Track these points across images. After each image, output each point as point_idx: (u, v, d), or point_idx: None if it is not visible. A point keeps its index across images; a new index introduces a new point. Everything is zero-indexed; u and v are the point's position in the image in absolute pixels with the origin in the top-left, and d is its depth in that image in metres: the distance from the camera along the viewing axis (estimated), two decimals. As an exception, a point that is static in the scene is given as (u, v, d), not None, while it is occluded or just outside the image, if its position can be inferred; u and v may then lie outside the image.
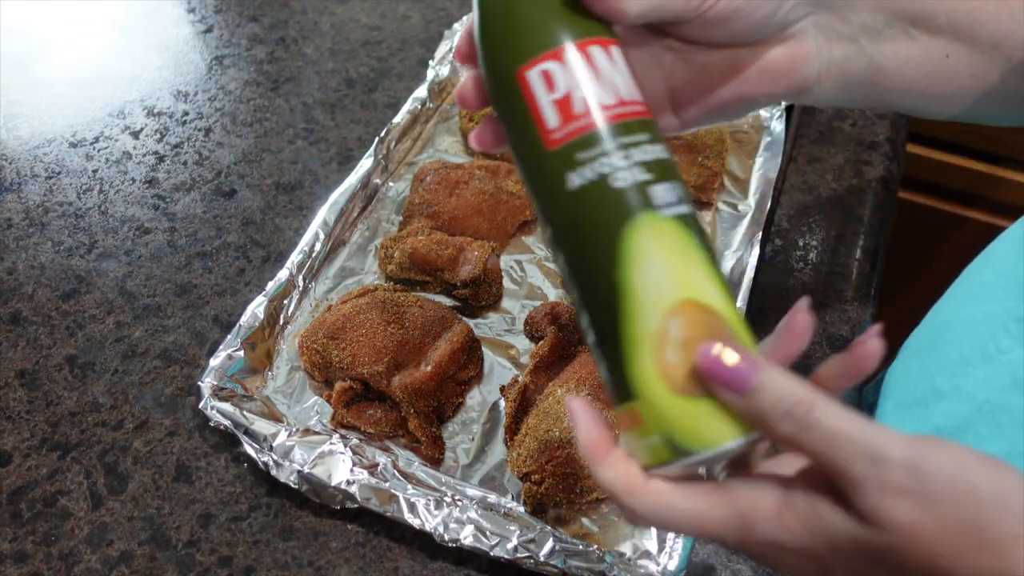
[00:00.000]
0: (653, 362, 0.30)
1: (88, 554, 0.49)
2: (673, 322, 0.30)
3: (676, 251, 0.31)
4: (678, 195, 0.32)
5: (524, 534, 0.47)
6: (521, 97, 0.34)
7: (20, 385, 0.57)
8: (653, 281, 0.31)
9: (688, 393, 0.30)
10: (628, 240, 0.31)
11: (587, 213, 0.32)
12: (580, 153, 0.32)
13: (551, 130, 0.33)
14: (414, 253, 0.61)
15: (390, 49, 0.83)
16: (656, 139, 0.33)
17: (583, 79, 0.33)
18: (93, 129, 0.75)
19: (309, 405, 0.56)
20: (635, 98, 0.33)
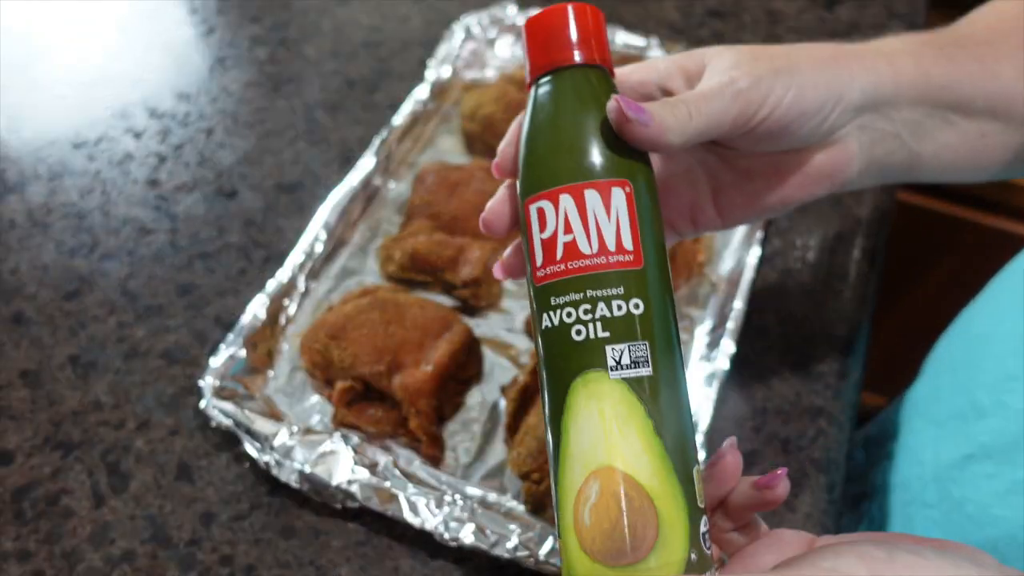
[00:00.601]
0: (571, 516, 0.31)
1: (90, 553, 0.50)
2: (592, 484, 0.31)
3: (614, 415, 0.31)
4: (636, 357, 0.31)
5: (524, 533, 0.48)
6: (526, 227, 0.34)
7: (23, 385, 0.57)
8: (585, 440, 0.31)
9: (592, 556, 0.30)
10: (573, 392, 0.32)
11: (551, 354, 0.33)
12: (553, 297, 0.33)
13: (537, 267, 0.33)
14: (415, 253, 0.61)
15: (391, 50, 0.83)
16: (632, 294, 0.32)
17: (568, 224, 0.32)
18: (95, 130, 0.75)
19: (310, 405, 0.56)
20: (623, 247, 0.32)
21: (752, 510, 0.33)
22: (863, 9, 0.85)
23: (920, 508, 0.55)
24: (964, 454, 0.53)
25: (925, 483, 0.56)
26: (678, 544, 0.30)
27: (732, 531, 0.34)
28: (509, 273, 0.38)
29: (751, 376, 0.58)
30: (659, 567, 0.30)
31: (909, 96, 0.39)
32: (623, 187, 0.33)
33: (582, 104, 0.34)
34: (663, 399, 0.32)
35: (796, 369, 0.58)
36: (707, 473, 0.33)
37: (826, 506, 0.52)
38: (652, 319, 0.32)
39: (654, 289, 0.32)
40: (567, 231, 0.32)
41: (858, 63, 0.38)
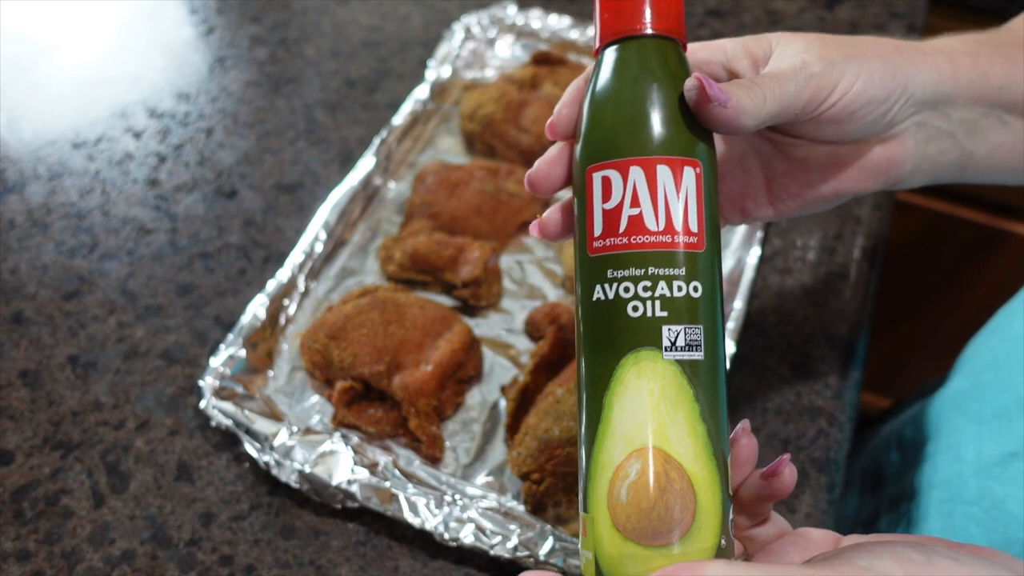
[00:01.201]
0: (606, 491, 0.31)
1: (90, 553, 0.49)
2: (633, 463, 0.31)
3: (663, 396, 0.31)
4: (691, 340, 0.31)
5: (524, 533, 0.48)
6: (584, 194, 0.34)
7: (22, 384, 0.57)
8: (630, 418, 0.31)
9: (625, 533, 0.31)
10: (622, 370, 0.31)
11: (600, 328, 0.32)
12: (610, 269, 0.32)
13: (595, 237, 0.33)
14: (415, 253, 0.61)
15: (391, 50, 0.83)
16: (694, 276, 0.32)
17: (636, 198, 0.32)
18: (95, 130, 0.75)
19: (310, 405, 0.56)
20: (689, 228, 0.32)
21: (762, 502, 0.33)
22: (863, 9, 0.85)
23: (960, 505, 0.55)
24: (1007, 451, 0.53)
25: (965, 480, 0.55)
26: (711, 530, 0.31)
27: (752, 528, 0.34)
28: (544, 232, 0.37)
29: (751, 376, 0.58)
30: (692, 551, 0.30)
31: (967, 95, 0.39)
32: (694, 167, 0.32)
33: (658, 77, 0.33)
34: (710, 385, 0.32)
35: (796, 369, 0.58)
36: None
37: (826, 506, 0.52)
38: (708, 303, 0.32)
39: (712, 274, 0.32)
40: (634, 204, 0.32)
41: (921, 59, 0.38)
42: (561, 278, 0.63)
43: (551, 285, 0.63)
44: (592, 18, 0.84)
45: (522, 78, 0.75)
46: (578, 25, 0.82)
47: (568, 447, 0.50)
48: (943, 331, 1.13)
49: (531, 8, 0.84)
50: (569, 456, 0.50)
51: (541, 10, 0.83)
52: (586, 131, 0.34)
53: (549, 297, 0.62)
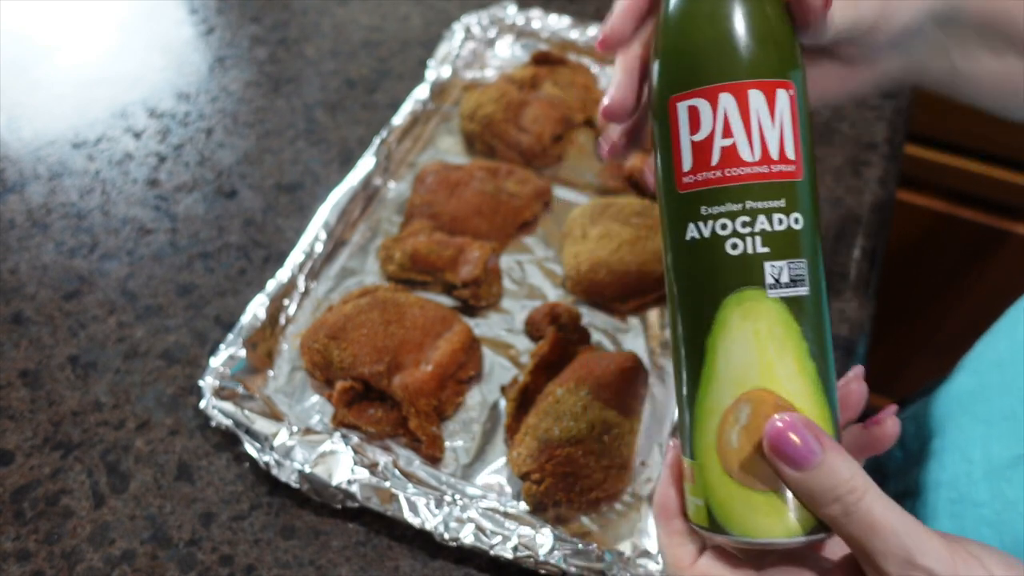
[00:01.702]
0: (715, 437, 0.30)
1: (90, 553, 0.49)
2: (743, 406, 0.30)
3: (770, 336, 0.29)
4: (795, 275, 0.30)
5: (524, 533, 0.48)
6: (668, 126, 0.31)
7: (23, 385, 0.57)
8: (736, 360, 0.30)
9: (737, 478, 0.30)
10: (724, 311, 0.30)
11: (696, 269, 0.31)
12: (704, 206, 0.30)
13: (684, 172, 0.31)
14: (415, 253, 0.61)
15: (391, 50, 0.83)
16: (794, 207, 0.30)
17: (728, 127, 0.30)
18: (95, 130, 0.75)
19: (310, 405, 0.56)
20: (786, 156, 0.30)
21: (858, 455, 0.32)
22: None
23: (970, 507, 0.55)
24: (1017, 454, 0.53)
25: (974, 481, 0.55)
26: None
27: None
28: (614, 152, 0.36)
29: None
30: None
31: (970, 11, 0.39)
32: (787, 89, 0.30)
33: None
34: (817, 321, 0.30)
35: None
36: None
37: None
38: (810, 235, 0.30)
39: (812, 202, 0.31)
40: (726, 134, 0.29)
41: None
42: (561, 278, 0.63)
43: (551, 285, 0.63)
44: (592, 18, 0.84)
45: (522, 78, 0.75)
46: (578, 25, 0.82)
47: (568, 447, 0.50)
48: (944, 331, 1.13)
49: (531, 8, 0.84)
50: (569, 456, 0.50)
51: (541, 10, 0.83)
52: (664, 54, 0.31)
53: (549, 297, 0.62)
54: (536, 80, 0.75)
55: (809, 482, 0.28)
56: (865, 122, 0.75)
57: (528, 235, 0.67)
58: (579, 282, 0.61)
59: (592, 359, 0.55)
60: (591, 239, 0.61)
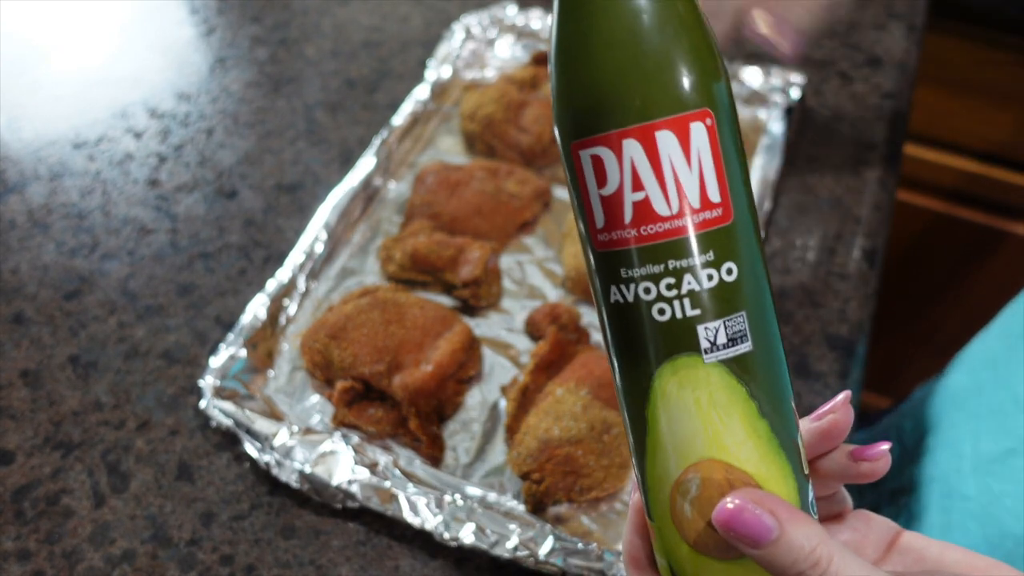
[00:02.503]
0: (667, 506, 0.28)
1: (91, 552, 0.50)
2: (692, 478, 0.27)
3: (711, 404, 0.27)
4: (733, 333, 0.27)
5: (524, 533, 0.48)
6: (575, 176, 0.27)
7: (23, 384, 0.57)
8: (680, 432, 0.27)
9: (696, 548, 0.28)
10: (661, 380, 0.27)
11: (626, 334, 0.28)
12: (623, 268, 0.27)
13: (598, 230, 0.27)
14: (415, 254, 0.61)
15: (391, 50, 0.83)
16: (725, 256, 0.26)
17: (636, 179, 0.26)
18: (95, 130, 0.75)
19: (310, 404, 0.56)
20: (709, 201, 0.26)
21: (840, 480, 0.31)
22: (863, 9, 0.85)
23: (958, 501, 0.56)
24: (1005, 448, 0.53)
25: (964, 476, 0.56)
26: None
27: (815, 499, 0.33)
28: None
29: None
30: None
31: None
32: (703, 120, 0.26)
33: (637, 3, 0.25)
34: (765, 373, 0.27)
35: (796, 369, 0.58)
36: (812, 429, 0.30)
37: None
38: (749, 281, 0.27)
39: (746, 244, 0.27)
40: (636, 188, 0.26)
41: None
42: (561, 278, 0.63)
43: (551, 285, 0.63)
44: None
45: (522, 78, 0.75)
46: (578, 25, 0.82)
47: (568, 447, 0.50)
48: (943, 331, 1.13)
49: (531, 8, 0.84)
50: (569, 456, 0.50)
51: (541, 10, 0.83)
52: (561, 96, 0.27)
53: (549, 297, 0.63)
54: (536, 80, 0.75)
55: (769, 558, 0.27)
56: (865, 122, 0.75)
57: (528, 235, 0.67)
58: (579, 282, 0.61)
59: (592, 359, 0.55)
60: (591, 239, 0.61)
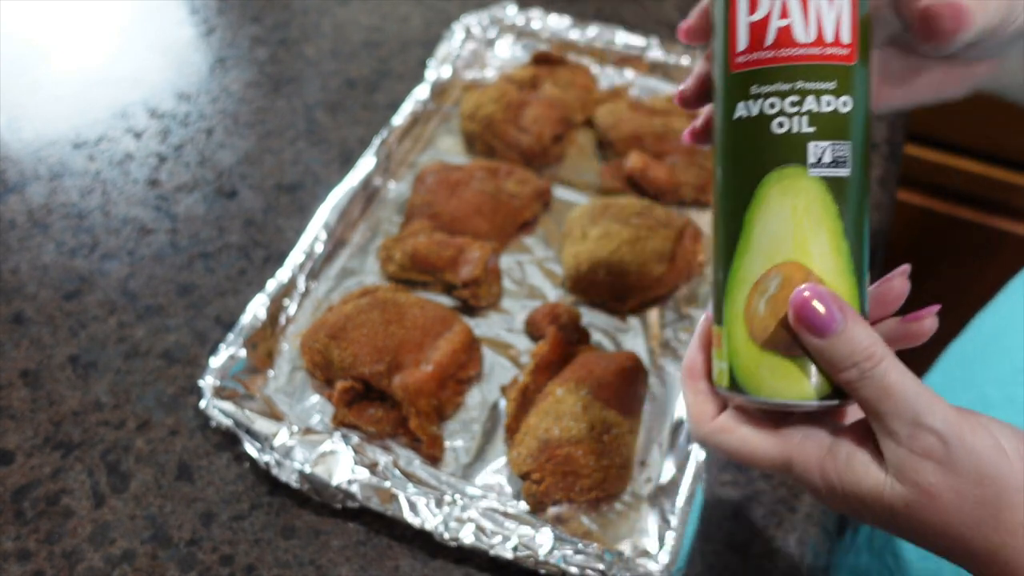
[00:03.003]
0: (744, 304, 0.32)
1: (90, 552, 0.50)
2: (774, 277, 0.31)
3: (806, 212, 0.31)
4: (838, 156, 0.31)
5: (524, 533, 0.48)
6: (725, 6, 0.32)
7: (23, 384, 0.57)
8: (772, 234, 0.31)
9: (761, 343, 0.32)
10: (765, 187, 0.31)
11: (741, 146, 0.32)
12: (754, 86, 0.31)
13: (738, 52, 0.32)
14: (415, 254, 0.61)
15: (391, 50, 0.83)
16: (845, 90, 0.31)
17: (785, 8, 0.30)
18: (95, 130, 0.75)
19: (310, 404, 0.56)
20: (840, 40, 0.31)
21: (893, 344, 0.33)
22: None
23: None
24: None
25: None
26: None
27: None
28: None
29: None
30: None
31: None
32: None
33: None
34: (855, 202, 0.31)
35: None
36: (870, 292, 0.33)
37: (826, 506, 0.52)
38: (858, 119, 0.31)
39: (863, 87, 0.31)
40: (783, 15, 0.30)
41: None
42: (561, 278, 0.63)
43: (551, 285, 0.63)
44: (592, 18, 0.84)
45: (522, 78, 0.75)
46: (578, 25, 0.82)
47: (568, 447, 0.50)
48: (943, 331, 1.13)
49: (531, 8, 0.84)
50: (569, 456, 0.50)
51: (541, 10, 0.83)
52: None
53: (549, 297, 0.63)
54: (536, 80, 0.75)
55: (830, 349, 0.30)
56: (865, 122, 0.75)
57: (528, 235, 0.67)
58: (579, 282, 0.61)
59: (592, 359, 0.55)
60: (591, 239, 0.61)
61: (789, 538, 0.50)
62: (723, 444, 0.34)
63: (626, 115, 0.71)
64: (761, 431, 0.33)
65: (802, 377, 0.31)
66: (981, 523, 0.29)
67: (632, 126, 0.70)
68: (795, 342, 0.31)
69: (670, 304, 0.62)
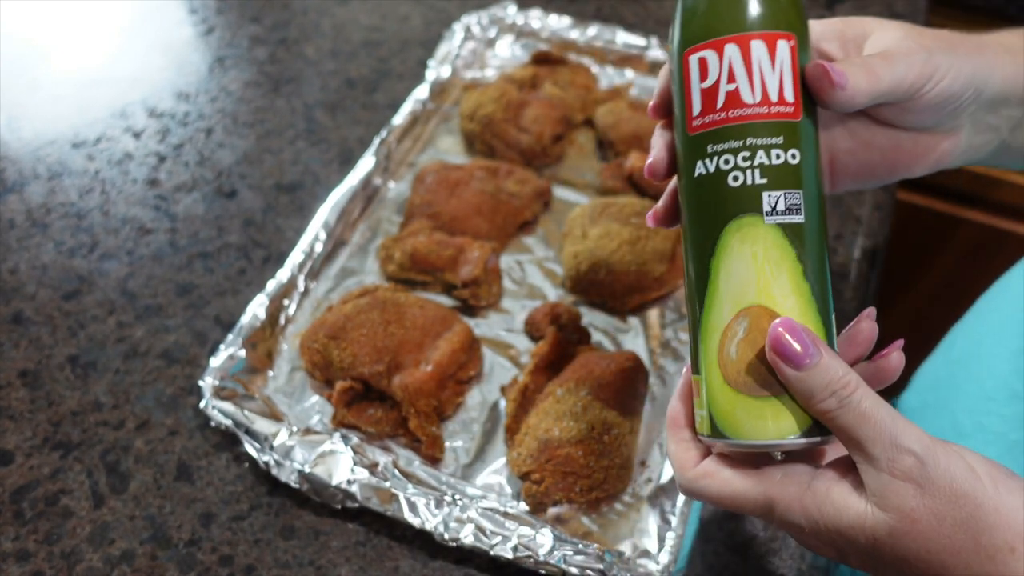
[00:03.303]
0: (716, 352, 0.33)
1: (90, 553, 0.49)
2: (741, 321, 0.33)
3: (766, 257, 0.33)
4: (791, 204, 0.33)
5: (524, 533, 0.48)
6: (681, 77, 0.35)
7: (22, 385, 0.57)
8: (736, 280, 0.33)
9: (736, 387, 0.33)
10: (726, 236, 0.33)
11: (703, 200, 0.34)
12: (710, 144, 0.34)
13: (694, 116, 0.34)
14: (415, 253, 0.61)
15: (390, 50, 0.83)
16: (792, 144, 0.33)
17: (732, 74, 0.33)
18: (95, 130, 0.75)
19: (310, 405, 0.56)
20: (784, 99, 0.33)
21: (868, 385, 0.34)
22: (863, 9, 0.85)
23: None
24: None
25: None
26: None
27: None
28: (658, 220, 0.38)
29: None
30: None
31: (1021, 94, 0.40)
32: (788, 40, 0.34)
33: None
34: (812, 246, 0.33)
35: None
36: (841, 337, 0.35)
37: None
38: (807, 169, 0.33)
39: (809, 141, 0.34)
40: (730, 80, 0.33)
41: (995, 58, 0.39)
42: (561, 278, 0.63)
43: (551, 285, 0.63)
44: (592, 18, 0.84)
45: (522, 78, 0.75)
46: (578, 25, 0.82)
47: (568, 447, 0.50)
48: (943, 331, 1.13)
49: (531, 8, 0.84)
50: (569, 456, 0.50)
51: (541, 10, 0.83)
52: (682, 17, 0.35)
53: (549, 297, 0.62)
54: (536, 80, 0.75)
55: (808, 380, 0.31)
56: (865, 122, 0.75)
57: (528, 235, 0.67)
58: (579, 282, 0.61)
59: (592, 359, 0.55)
60: (591, 239, 0.61)
61: (789, 538, 0.50)
62: (705, 490, 0.34)
63: (626, 115, 0.71)
64: (742, 473, 0.34)
65: (778, 416, 0.32)
66: (961, 549, 0.29)
67: (632, 126, 0.70)
68: (768, 382, 0.32)
69: (670, 304, 0.62)
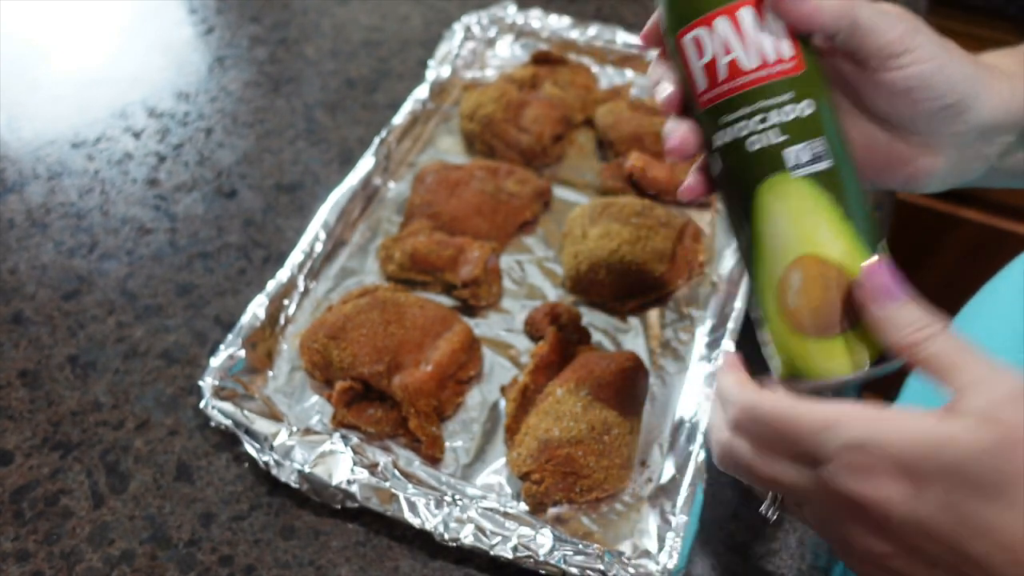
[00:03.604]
0: (776, 304, 0.35)
1: (89, 553, 0.49)
2: (793, 274, 0.34)
3: (801, 210, 0.34)
4: (816, 152, 0.34)
5: (524, 533, 0.48)
6: (680, 59, 0.36)
7: (22, 385, 0.57)
8: (777, 238, 0.34)
9: (804, 332, 0.35)
10: (758, 200, 0.35)
11: (729, 171, 0.36)
12: (722, 116, 0.35)
13: (701, 92, 0.36)
14: (415, 253, 0.61)
15: (390, 50, 0.83)
16: (801, 96, 0.34)
17: (726, 44, 0.34)
18: (95, 130, 0.75)
19: (310, 405, 0.56)
20: (783, 56, 0.34)
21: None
22: (863, 9, 0.85)
23: None
24: None
25: None
26: None
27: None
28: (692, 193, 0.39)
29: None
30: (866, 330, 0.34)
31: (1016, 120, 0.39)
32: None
33: None
34: (846, 186, 0.34)
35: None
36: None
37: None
38: (825, 115, 0.34)
39: (819, 88, 0.35)
40: (727, 52, 0.34)
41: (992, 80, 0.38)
42: (561, 278, 0.63)
43: (551, 285, 0.63)
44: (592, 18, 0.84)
45: (522, 78, 0.75)
46: (578, 25, 0.82)
47: (568, 447, 0.50)
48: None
49: (531, 8, 0.84)
50: (569, 456, 0.50)
51: (541, 10, 0.83)
52: (667, 6, 0.36)
53: (549, 297, 0.62)
54: (536, 80, 0.75)
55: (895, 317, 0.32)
56: (865, 122, 0.75)
57: (528, 235, 0.67)
58: (579, 282, 0.61)
59: (592, 359, 0.55)
60: (591, 239, 0.61)
61: (789, 538, 0.50)
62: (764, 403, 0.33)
63: (626, 115, 0.71)
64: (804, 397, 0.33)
65: (850, 351, 0.34)
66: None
67: (632, 126, 0.70)
68: (832, 323, 0.34)
69: (670, 304, 0.62)
